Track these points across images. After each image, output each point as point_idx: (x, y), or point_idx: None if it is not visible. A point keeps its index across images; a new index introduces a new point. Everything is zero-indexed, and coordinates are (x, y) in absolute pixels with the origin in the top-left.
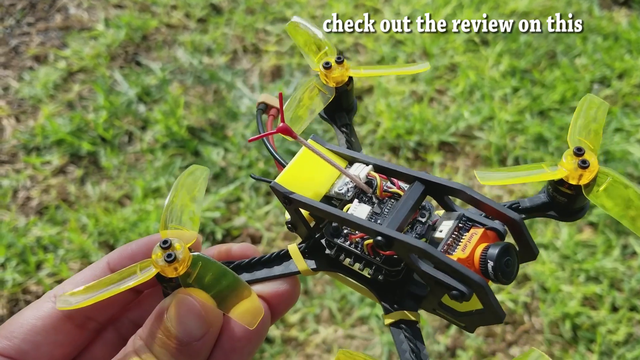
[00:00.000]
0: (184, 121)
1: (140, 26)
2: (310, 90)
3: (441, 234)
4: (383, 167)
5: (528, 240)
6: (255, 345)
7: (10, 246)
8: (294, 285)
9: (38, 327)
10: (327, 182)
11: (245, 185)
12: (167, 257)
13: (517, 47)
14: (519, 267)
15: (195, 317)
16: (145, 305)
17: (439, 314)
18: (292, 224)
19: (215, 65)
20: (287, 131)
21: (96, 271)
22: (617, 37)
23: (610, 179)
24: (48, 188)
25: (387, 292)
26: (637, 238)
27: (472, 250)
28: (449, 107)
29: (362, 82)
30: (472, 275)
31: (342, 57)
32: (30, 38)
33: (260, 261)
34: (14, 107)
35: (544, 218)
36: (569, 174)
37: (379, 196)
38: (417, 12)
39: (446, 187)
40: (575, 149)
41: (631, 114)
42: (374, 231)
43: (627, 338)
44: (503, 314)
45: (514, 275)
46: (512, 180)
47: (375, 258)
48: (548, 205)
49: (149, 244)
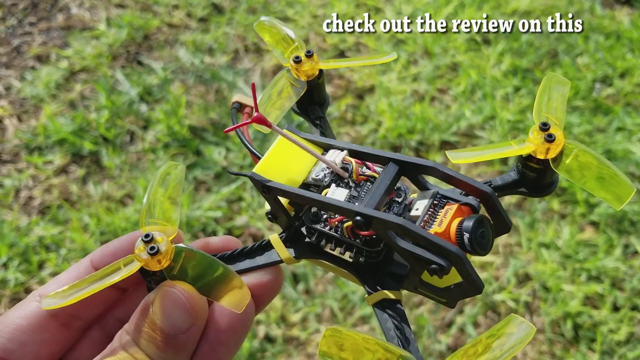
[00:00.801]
0: (186, 121)
1: (141, 26)
2: (282, 85)
3: (417, 212)
4: (358, 152)
5: (501, 213)
6: (241, 336)
7: (12, 246)
8: (276, 275)
9: (23, 326)
10: (304, 170)
11: (246, 185)
12: (150, 250)
13: (518, 46)
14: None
15: (181, 310)
16: (130, 303)
17: (420, 291)
18: (272, 214)
19: (216, 65)
20: (261, 121)
21: (80, 270)
22: (619, 36)
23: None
24: (50, 187)
25: (369, 274)
26: (639, 237)
27: (448, 225)
28: (451, 106)
29: (364, 81)
30: (450, 247)
31: (311, 51)
32: (32, 38)
33: (243, 252)
34: (16, 107)
35: (545, 218)
36: (536, 148)
37: (355, 180)
38: (418, 11)
39: (419, 165)
40: (541, 124)
41: (633, 113)
42: (353, 211)
43: (629, 337)
44: (482, 284)
45: (490, 246)
46: (482, 157)
47: (355, 240)
48: (518, 182)
49: (130, 241)
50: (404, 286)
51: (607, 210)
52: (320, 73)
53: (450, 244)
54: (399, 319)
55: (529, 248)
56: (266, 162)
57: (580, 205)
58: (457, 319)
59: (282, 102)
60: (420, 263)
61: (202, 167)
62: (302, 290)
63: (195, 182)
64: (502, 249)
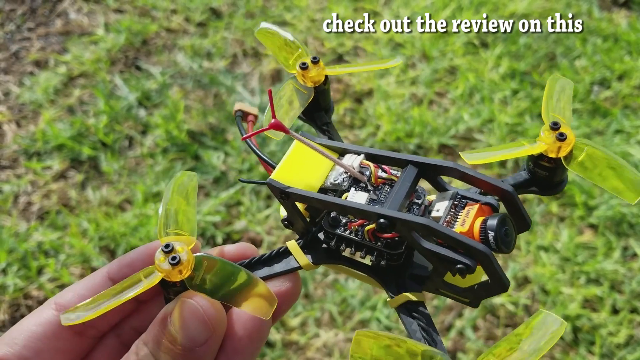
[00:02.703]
0: (184, 125)
1: (140, 31)
2: (289, 93)
3: (438, 212)
4: (374, 155)
5: (522, 211)
6: (258, 345)
7: (11, 251)
8: (295, 282)
9: (38, 334)
10: (321, 175)
11: (245, 189)
12: (171, 260)
13: (516, 49)
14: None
15: (198, 322)
16: (145, 312)
17: (443, 292)
18: (288, 221)
19: (215, 69)
20: (279, 127)
21: (95, 280)
22: (616, 38)
23: (587, 149)
24: (49, 193)
25: (390, 277)
26: (637, 240)
27: (471, 224)
28: (449, 109)
29: (362, 85)
30: (477, 245)
31: (317, 57)
32: (30, 43)
33: (261, 260)
34: (15, 112)
35: (544, 221)
36: (548, 147)
37: (374, 183)
38: (416, 14)
39: (439, 166)
40: (552, 124)
41: (631, 115)
42: (376, 214)
43: (628, 340)
44: (508, 281)
45: (513, 244)
46: (496, 157)
47: (377, 243)
48: (529, 182)
49: (147, 252)
50: (426, 288)
51: (606, 212)
52: (325, 79)
53: (477, 243)
54: (425, 321)
55: (528, 251)
56: (283, 169)
57: (579, 208)
58: (456, 323)
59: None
60: (445, 264)
61: (201, 171)
62: (301, 295)
63: None
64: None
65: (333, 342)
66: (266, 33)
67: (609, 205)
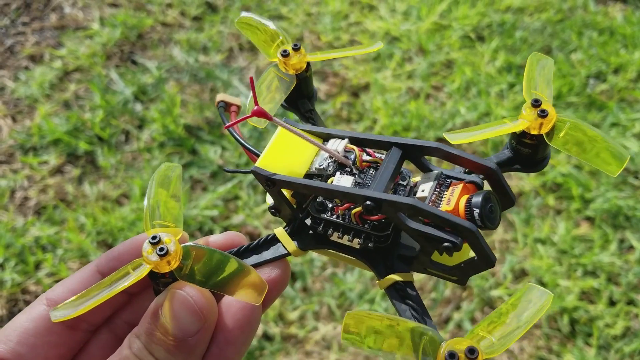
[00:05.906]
0: (181, 120)
1: (135, 25)
2: (271, 81)
3: (423, 193)
4: (359, 138)
5: (506, 188)
6: (249, 335)
7: (8, 246)
8: (284, 269)
9: (31, 330)
10: (306, 161)
11: (243, 183)
12: (159, 252)
13: (512, 42)
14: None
15: (189, 312)
16: (137, 305)
17: (430, 272)
18: (275, 208)
19: (211, 64)
20: (262, 114)
21: (85, 274)
22: (612, 32)
23: (569, 124)
24: (46, 188)
25: (378, 259)
26: (634, 232)
27: (457, 202)
28: (446, 103)
29: (359, 79)
30: (463, 222)
31: (298, 44)
32: (25, 38)
33: (249, 248)
34: (10, 107)
35: (541, 214)
36: (530, 124)
37: (359, 167)
38: (412, 8)
39: (423, 147)
40: (533, 101)
41: (627, 108)
42: (362, 196)
43: (625, 332)
44: (494, 257)
45: (498, 220)
46: (479, 136)
47: (364, 226)
48: (513, 159)
49: (135, 244)
50: (414, 267)
51: (602, 205)
52: (307, 66)
53: (463, 220)
54: (414, 301)
55: (525, 244)
56: (267, 156)
57: (575, 200)
58: (454, 315)
59: (273, 97)
60: (432, 242)
61: (198, 166)
62: (299, 288)
63: (191, 181)
64: (498, 245)
65: (332, 335)
66: (246, 22)
67: (605, 198)
